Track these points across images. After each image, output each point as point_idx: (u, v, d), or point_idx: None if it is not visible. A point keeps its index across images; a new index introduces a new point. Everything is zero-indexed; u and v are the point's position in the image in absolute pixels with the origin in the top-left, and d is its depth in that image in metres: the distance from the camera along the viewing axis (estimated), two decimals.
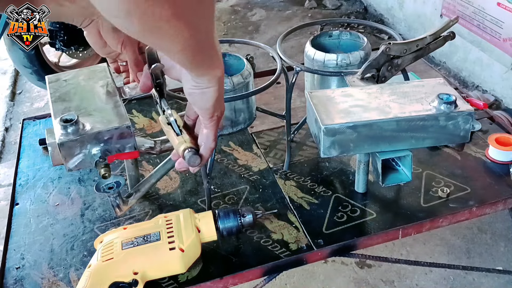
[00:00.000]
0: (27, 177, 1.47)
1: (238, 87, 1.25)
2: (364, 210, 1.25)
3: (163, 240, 1.01)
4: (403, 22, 3.25)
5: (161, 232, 1.02)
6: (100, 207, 1.33)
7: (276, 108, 1.54)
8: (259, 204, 1.30)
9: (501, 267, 1.67)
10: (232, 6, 3.92)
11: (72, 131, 1.04)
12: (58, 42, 2.59)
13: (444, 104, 1.09)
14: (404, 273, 1.69)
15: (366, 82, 1.25)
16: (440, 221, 1.23)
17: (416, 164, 1.36)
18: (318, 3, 3.83)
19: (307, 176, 1.38)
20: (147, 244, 1.00)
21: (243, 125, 1.34)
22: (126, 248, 1.00)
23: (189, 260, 1.04)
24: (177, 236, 1.02)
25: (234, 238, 1.20)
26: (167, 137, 0.95)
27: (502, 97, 2.44)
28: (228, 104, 1.16)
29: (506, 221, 1.83)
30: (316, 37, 1.45)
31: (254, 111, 1.38)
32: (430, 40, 1.29)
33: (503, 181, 1.32)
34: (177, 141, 0.90)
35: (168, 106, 0.92)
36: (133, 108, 1.71)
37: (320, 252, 1.16)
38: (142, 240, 1.01)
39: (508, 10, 2.22)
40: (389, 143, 1.12)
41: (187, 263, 1.04)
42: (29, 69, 2.58)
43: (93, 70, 1.30)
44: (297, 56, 2.77)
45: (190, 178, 1.41)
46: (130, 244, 1.00)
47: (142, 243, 1.00)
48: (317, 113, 1.11)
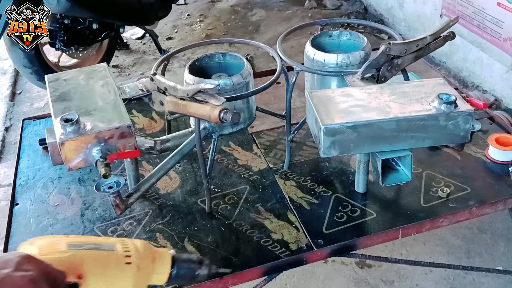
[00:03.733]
0: (27, 177, 1.47)
1: (238, 87, 1.25)
2: (364, 210, 1.25)
3: (119, 252, 0.83)
4: (403, 22, 3.25)
5: (116, 244, 0.85)
6: (100, 207, 1.33)
7: (276, 108, 1.54)
8: (259, 204, 1.30)
9: (501, 267, 1.67)
10: (232, 6, 3.91)
11: (73, 131, 1.04)
12: (58, 42, 2.59)
13: (444, 104, 1.09)
14: (404, 273, 1.69)
15: (366, 82, 1.25)
16: (440, 221, 1.23)
17: (416, 164, 1.36)
18: (318, 3, 3.83)
19: (307, 176, 1.38)
20: (100, 251, 0.82)
21: (243, 125, 1.34)
22: (73, 248, 0.80)
23: (139, 285, 0.86)
24: (134, 253, 0.85)
25: (234, 238, 1.20)
26: (188, 110, 0.95)
27: (502, 97, 2.44)
28: (228, 104, 1.16)
29: (506, 221, 1.83)
30: (316, 37, 1.45)
31: (254, 111, 1.38)
32: (430, 40, 1.29)
33: (503, 181, 1.32)
34: (208, 108, 0.90)
35: None
36: (133, 108, 1.71)
37: (320, 252, 1.16)
38: (93, 246, 0.82)
39: (508, 10, 2.22)
40: (389, 143, 1.12)
41: (137, 286, 0.85)
42: (29, 69, 2.57)
43: (93, 69, 1.31)
44: (297, 56, 2.77)
45: (190, 178, 1.41)
46: (78, 246, 0.81)
47: (94, 248, 0.82)
48: (317, 113, 1.11)
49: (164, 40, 3.42)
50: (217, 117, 0.97)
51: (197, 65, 1.34)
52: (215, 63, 1.37)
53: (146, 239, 1.21)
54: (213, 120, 0.98)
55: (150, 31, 3.03)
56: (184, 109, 1.05)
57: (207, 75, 1.33)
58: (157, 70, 1.27)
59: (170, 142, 1.30)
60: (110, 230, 1.25)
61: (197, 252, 1.16)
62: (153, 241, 1.21)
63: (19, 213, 1.33)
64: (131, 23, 3.00)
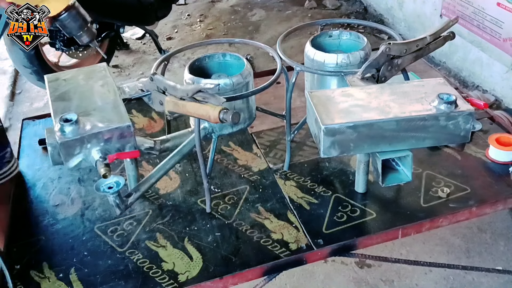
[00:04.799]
0: (27, 177, 1.47)
1: (238, 87, 1.25)
2: (364, 210, 1.25)
3: None
4: (403, 22, 3.25)
5: None
6: (100, 207, 1.33)
7: (276, 108, 1.54)
8: (259, 204, 1.30)
9: (500, 267, 1.67)
10: (232, 6, 3.91)
11: (72, 131, 1.04)
12: (58, 42, 2.59)
13: (444, 104, 1.09)
14: (404, 273, 1.69)
15: (366, 82, 1.25)
16: (440, 221, 1.23)
17: (416, 164, 1.36)
18: (318, 3, 3.83)
19: (307, 176, 1.38)
20: None
21: (243, 125, 1.34)
22: None
23: None
24: None
25: (234, 238, 1.20)
26: (188, 110, 0.97)
27: (502, 97, 2.44)
28: (228, 104, 1.16)
29: (506, 220, 1.83)
30: (316, 37, 1.45)
31: (254, 111, 1.38)
32: (430, 40, 1.29)
33: (503, 181, 1.32)
34: (208, 107, 0.91)
35: None
36: (132, 108, 1.71)
37: (320, 252, 1.16)
38: None
39: (508, 10, 2.22)
40: (389, 143, 1.12)
41: None
42: (29, 69, 2.57)
43: (93, 69, 1.30)
44: (297, 56, 2.77)
45: (190, 178, 1.41)
46: None
47: None
48: (317, 113, 1.11)
49: (164, 40, 3.42)
50: (217, 117, 0.97)
51: (197, 65, 1.34)
52: (215, 63, 1.37)
53: (146, 239, 1.21)
54: (213, 120, 0.98)
55: (150, 31, 3.03)
56: (184, 109, 1.05)
57: (207, 75, 1.33)
58: (157, 70, 1.27)
59: (170, 142, 1.30)
60: (110, 230, 1.25)
61: (197, 253, 1.17)
62: (153, 241, 1.21)
63: (19, 213, 1.33)
64: (131, 23, 3.00)
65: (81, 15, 1.07)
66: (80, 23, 1.06)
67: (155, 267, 1.14)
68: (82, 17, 1.07)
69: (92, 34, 1.10)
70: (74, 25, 1.05)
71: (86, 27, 1.08)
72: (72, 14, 1.04)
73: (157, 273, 1.12)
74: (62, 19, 1.04)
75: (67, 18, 1.04)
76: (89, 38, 1.09)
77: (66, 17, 1.04)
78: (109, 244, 1.21)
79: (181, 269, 1.13)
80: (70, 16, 1.04)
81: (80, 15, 1.06)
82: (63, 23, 1.05)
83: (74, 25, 1.05)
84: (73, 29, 1.07)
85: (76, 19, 1.05)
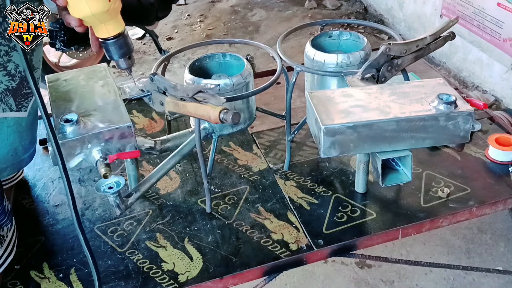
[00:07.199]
0: (27, 177, 1.47)
1: (238, 87, 1.25)
2: (364, 210, 1.25)
3: None
4: (403, 22, 3.25)
5: None
6: (100, 207, 1.33)
7: (276, 108, 1.54)
8: (259, 204, 1.30)
9: (501, 267, 1.67)
10: (232, 6, 3.92)
11: (73, 131, 1.04)
12: (58, 42, 2.58)
13: (444, 104, 1.09)
14: (404, 273, 1.69)
15: (366, 82, 1.25)
16: (440, 221, 1.23)
17: (416, 164, 1.36)
18: (318, 3, 3.83)
19: (307, 176, 1.38)
20: None
21: (243, 125, 1.34)
22: None
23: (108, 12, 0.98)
24: None
25: (234, 238, 1.20)
26: (188, 110, 0.98)
27: (502, 97, 2.44)
28: (228, 104, 1.16)
29: (506, 221, 1.83)
30: (316, 38, 1.45)
31: (254, 111, 1.38)
32: (430, 40, 1.29)
33: (503, 181, 1.32)
34: (208, 108, 0.91)
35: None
36: (133, 108, 1.71)
37: (320, 252, 1.16)
38: None
39: (508, 10, 2.22)
40: (389, 143, 1.12)
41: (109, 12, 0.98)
42: None
43: (93, 70, 1.31)
44: (297, 56, 2.77)
45: (190, 178, 1.41)
46: None
47: None
48: (317, 113, 1.11)
49: (164, 40, 3.42)
50: (217, 117, 0.98)
51: (197, 65, 1.34)
52: (215, 63, 1.37)
53: (146, 239, 1.21)
54: (213, 120, 0.98)
55: (150, 31, 3.03)
56: (184, 109, 1.06)
57: (207, 75, 1.33)
58: (157, 70, 1.27)
59: (170, 142, 1.30)
60: (110, 230, 1.25)
61: (197, 253, 1.17)
62: (153, 241, 1.21)
63: (19, 213, 1.33)
64: (131, 23, 2.99)
65: (128, 45, 1.08)
66: (124, 51, 1.07)
67: (155, 268, 1.14)
68: (128, 46, 1.08)
69: (132, 63, 1.12)
70: (119, 51, 1.06)
71: (129, 55, 1.10)
72: (120, 41, 1.06)
73: (157, 273, 1.12)
74: (109, 43, 1.06)
75: (114, 43, 1.06)
76: (127, 66, 1.10)
77: (114, 43, 1.06)
78: (109, 244, 1.21)
79: (181, 270, 1.13)
80: (117, 43, 1.06)
81: (127, 44, 1.08)
82: (108, 47, 1.07)
83: (120, 51, 1.06)
84: (115, 55, 1.07)
85: (122, 46, 1.06)
